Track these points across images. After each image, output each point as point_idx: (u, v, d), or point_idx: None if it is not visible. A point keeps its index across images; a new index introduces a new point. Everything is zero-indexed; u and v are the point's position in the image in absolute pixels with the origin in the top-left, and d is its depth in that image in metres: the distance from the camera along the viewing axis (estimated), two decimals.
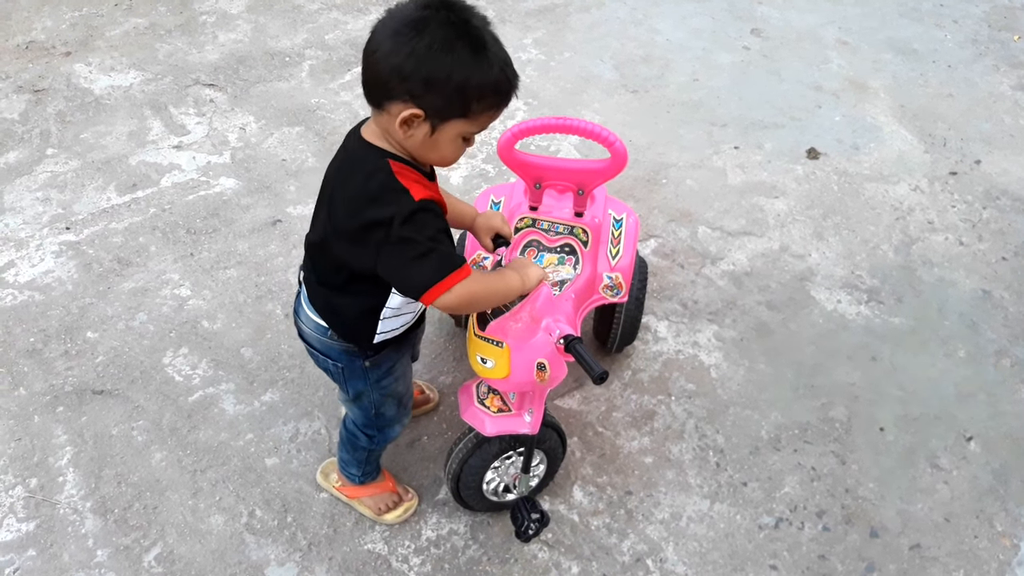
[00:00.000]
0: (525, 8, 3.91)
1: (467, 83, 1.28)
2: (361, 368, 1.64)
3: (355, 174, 1.39)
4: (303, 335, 1.66)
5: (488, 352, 1.58)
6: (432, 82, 1.27)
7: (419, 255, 1.35)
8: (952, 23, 4.05)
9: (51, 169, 2.88)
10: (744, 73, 3.61)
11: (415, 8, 1.27)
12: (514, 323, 1.57)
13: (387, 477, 2.01)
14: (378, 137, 1.38)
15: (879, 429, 2.27)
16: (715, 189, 3.00)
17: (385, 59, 1.27)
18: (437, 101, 1.30)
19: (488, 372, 1.61)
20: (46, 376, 2.25)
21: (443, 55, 1.25)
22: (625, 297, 2.04)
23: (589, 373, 1.50)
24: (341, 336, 1.59)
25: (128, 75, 3.34)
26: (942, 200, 3.03)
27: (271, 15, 3.74)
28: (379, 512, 1.98)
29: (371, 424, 1.79)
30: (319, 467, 2.07)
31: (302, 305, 1.62)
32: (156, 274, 2.54)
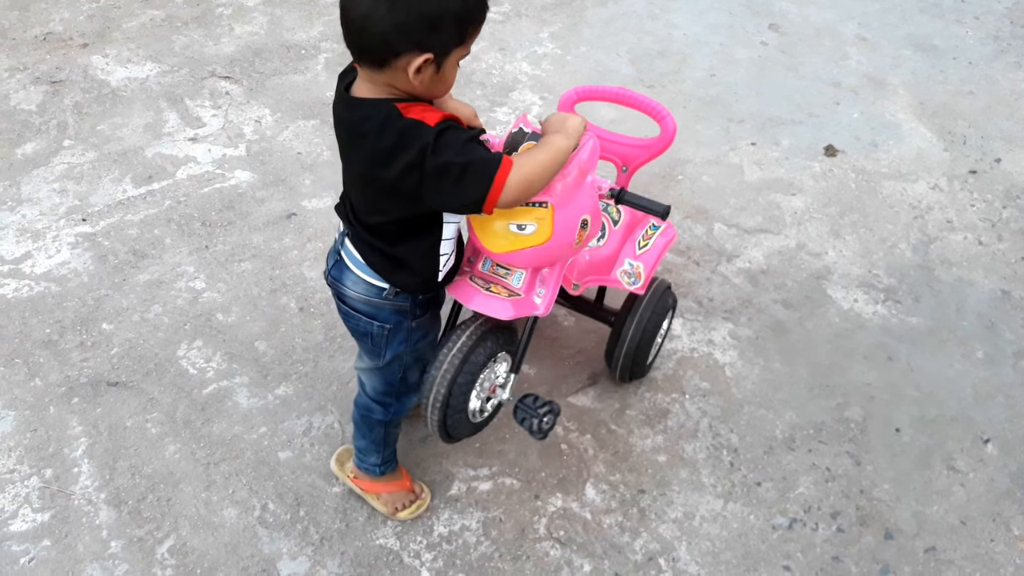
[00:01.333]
0: (542, 2, 3.89)
1: (464, 11, 1.32)
2: (407, 328, 1.65)
3: (369, 134, 1.39)
4: (347, 300, 1.64)
5: (527, 216, 1.51)
6: (436, 25, 1.29)
7: (460, 174, 1.36)
8: (973, 19, 4.00)
9: (68, 160, 2.89)
10: (762, 69, 3.59)
11: None
12: (562, 180, 1.51)
13: (404, 474, 2.01)
14: (373, 91, 1.38)
15: (895, 430, 2.26)
16: (732, 186, 2.98)
17: (383, 18, 1.26)
18: (442, 39, 1.31)
19: (523, 240, 1.53)
20: (62, 367, 2.26)
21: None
22: (643, 289, 1.99)
23: (654, 212, 1.62)
24: (406, 287, 1.58)
25: (144, 67, 3.34)
26: (961, 199, 3.00)
27: (287, 8, 3.74)
28: (393, 511, 1.98)
29: (391, 391, 1.78)
30: (333, 454, 2.06)
31: (349, 270, 1.59)
32: (171, 266, 2.55)
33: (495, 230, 1.55)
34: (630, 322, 2.07)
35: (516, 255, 1.58)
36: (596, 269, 1.98)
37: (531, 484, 2.08)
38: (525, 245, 1.55)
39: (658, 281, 2.14)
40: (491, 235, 1.57)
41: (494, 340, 1.72)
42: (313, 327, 2.40)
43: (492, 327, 1.71)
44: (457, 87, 3.25)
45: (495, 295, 1.67)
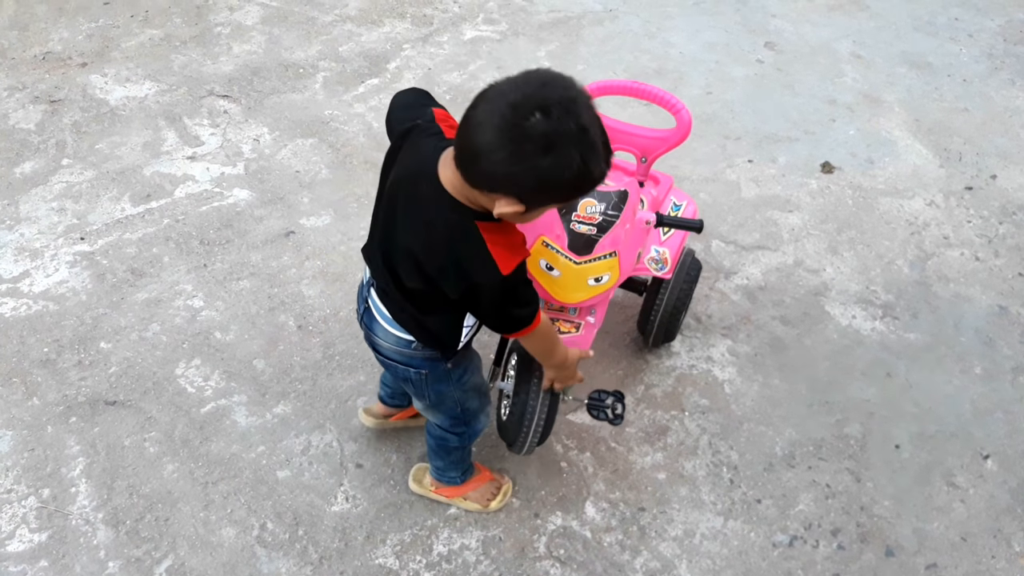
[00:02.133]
0: (539, 21, 3.92)
1: (577, 187, 1.30)
2: (444, 371, 1.68)
3: (439, 228, 1.38)
4: (380, 350, 1.68)
5: (603, 268, 1.75)
6: (545, 188, 1.28)
7: (503, 316, 1.48)
8: (967, 37, 4.03)
9: (66, 179, 2.90)
10: (758, 86, 3.61)
11: (532, 112, 1.20)
12: (623, 228, 1.76)
13: (481, 468, 2.07)
14: (458, 190, 1.35)
15: (895, 446, 2.25)
16: (729, 203, 2.99)
17: (500, 163, 1.23)
18: (544, 201, 1.32)
19: (599, 289, 1.77)
20: (59, 386, 2.26)
21: (562, 168, 1.23)
22: (670, 274, 2.09)
23: (691, 228, 1.87)
24: (430, 346, 1.62)
25: (143, 86, 3.36)
26: (958, 215, 3.01)
27: (285, 27, 3.76)
28: (486, 504, 2.03)
29: (459, 422, 1.82)
30: (410, 474, 2.08)
31: (378, 322, 1.63)
32: (169, 285, 2.54)
33: (573, 287, 1.77)
34: (663, 294, 2.19)
35: (592, 300, 1.83)
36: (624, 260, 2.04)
37: (531, 502, 2.07)
38: (600, 291, 1.80)
39: (685, 250, 2.22)
40: (568, 291, 1.79)
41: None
42: (311, 345, 2.39)
43: None
44: (455, 104, 3.26)
45: (568, 334, 1.88)
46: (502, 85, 1.25)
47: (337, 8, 3.92)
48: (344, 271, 2.61)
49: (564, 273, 1.73)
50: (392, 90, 3.39)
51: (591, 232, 1.72)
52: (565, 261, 1.72)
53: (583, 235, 1.72)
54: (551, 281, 1.76)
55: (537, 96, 1.21)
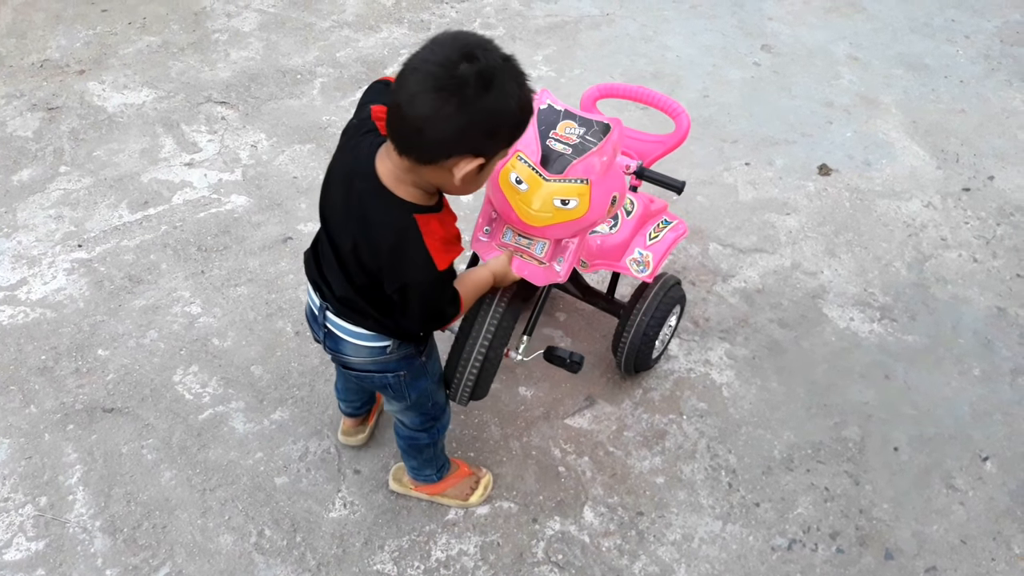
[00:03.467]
0: (535, 25, 3.92)
1: (523, 113, 1.33)
2: (420, 365, 1.69)
3: (379, 227, 1.40)
4: (354, 367, 1.68)
5: (571, 192, 1.63)
6: (495, 132, 1.31)
7: (431, 313, 1.52)
8: (964, 38, 4.04)
9: (64, 187, 2.90)
10: (755, 89, 3.61)
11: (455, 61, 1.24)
12: (599, 158, 1.65)
13: (459, 464, 2.07)
14: (400, 183, 1.37)
15: (893, 449, 2.25)
16: (726, 206, 2.99)
17: (444, 124, 1.25)
18: (498, 145, 1.34)
19: (564, 214, 1.65)
20: (57, 394, 2.26)
21: (506, 98, 1.27)
22: (651, 278, 2.07)
23: (671, 186, 1.81)
24: (404, 340, 1.62)
25: (141, 93, 3.36)
26: (955, 216, 3.01)
27: (283, 33, 3.77)
28: (465, 498, 2.04)
29: (429, 417, 1.84)
30: (390, 473, 2.08)
31: (345, 341, 1.62)
32: (167, 292, 2.54)
33: (536, 207, 1.65)
34: (636, 313, 2.13)
35: (552, 228, 1.68)
36: (606, 254, 2.05)
37: (529, 507, 2.07)
38: (565, 219, 1.66)
39: (667, 275, 2.20)
40: (533, 208, 1.65)
41: (515, 308, 1.82)
42: (309, 351, 2.39)
43: (514, 296, 1.81)
44: None
45: (529, 262, 1.78)
46: (417, 56, 1.28)
47: (334, 14, 3.92)
48: None
49: (531, 187, 1.64)
50: None
51: (566, 151, 1.66)
52: (534, 175, 1.64)
53: (557, 152, 1.66)
54: (518, 196, 1.67)
55: (455, 49, 1.25)
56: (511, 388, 2.33)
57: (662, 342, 2.31)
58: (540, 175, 1.63)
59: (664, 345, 2.36)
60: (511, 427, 2.24)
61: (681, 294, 2.27)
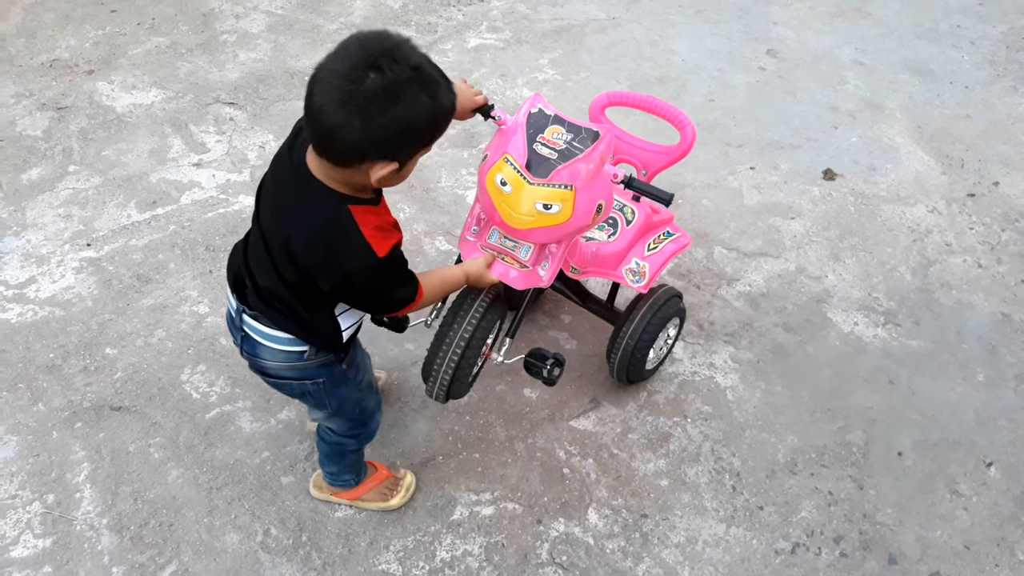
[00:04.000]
0: (542, 29, 3.93)
1: (435, 122, 1.34)
2: (341, 373, 1.68)
3: (312, 217, 1.40)
4: (271, 372, 1.65)
5: (554, 197, 1.63)
6: (407, 138, 1.32)
7: (383, 301, 1.54)
8: (969, 44, 4.04)
9: (73, 186, 2.92)
10: (760, 94, 3.62)
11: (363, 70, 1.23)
12: (586, 165, 1.65)
13: (377, 466, 2.07)
14: (328, 176, 1.38)
15: (897, 454, 2.26)
16: (731, 210, 3.00)
17: (356, 134, 1.26)
18: (412, 149, 1.35)
19: (546, 219, 1.65)
20: (65, 392, 2.27)
21: (414, 111, 1.28)
22: (646, 288, 2.07)
23: (658, 198, 1.74)
24: (319, 346, 1.60)
25: (149, 93, 3.38)
26: (960, 222, 3.01)
27: (291, 35, 3.78)
28: (386, 499, 2.03)
29: (356, 423, 1.84)
30: (310, 481, 2.08)
31: (262, 345, 1.59)
32: (175, 291, 2.56)
33: (520, 209, 1.65)
34: (631, 322, 2.12)
35: (535, 232, 1.68)
36: (601, 262, 2.05)
37: (533, 509, 2.08)
38: (547, 223, 1.66)
39: (666, 287, 2.19)
40: (516, 211, 1.66)
41: (496, 309, 1.83)
42: None
43: (495, 297, 1.82)
44: None
45: (510, 265, 1.78)
46: (326, 63, 1.28)
47: (342, 16, 3.94)
48: None
49: (515, 189, 1.65)
50: None
51: (552, 156, 1.65)
52: (518, 178, 1.64)
53: (543, 157, 1.65)
54: (502, 197, 1.67)
55: (362, 58, 1.24)
56: (516, 390, 2.34)
57: (657, 355, 2.29)
58: (524, 178, 1.64)
59: (660, 359, 2.34)
60: (516, 429, 2.25)
61: (680, 307, 2.25)
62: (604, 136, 1.69)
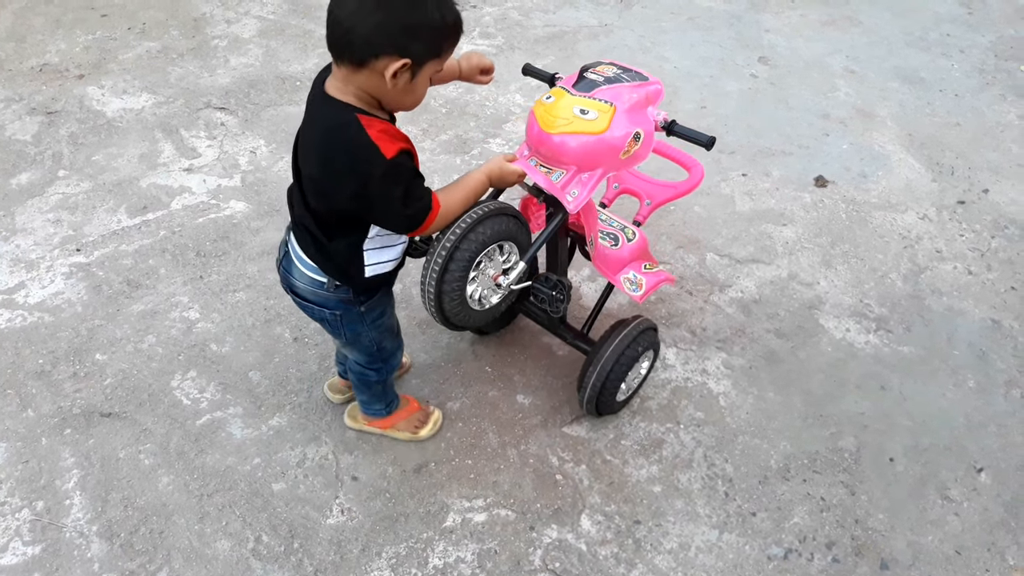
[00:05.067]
0: (535, 35, 3.94)
1: (444, 23, 1.43)
2: (358, 314, 1.77)
3: (328, 131, 1.49)
4: (296, 290, 1.76)
5: (593, 106, 1.70)
6: (415, 32, 1.41)
7: (397, 207, 1.52)
8: (959, 52, 4.07)
9: (63, 191, 2.90)
10: (752, 101, 3.63)
11: None
12: (630, 93, 1.74)
13: (409, 400, 2.20)
14: (343, 92, 1.48)
15: (889, 459, 2.26)
16: (723, 216, 3.01)
17: (366, 20, 1.38)
18: (420, 48, 1.43)
19: (581, 124, 1.68)
20: (54, 398, 2.25)
21: (419, 6, 1.39)
22: (642, 299, 2.13)
23: (699, 141, 1.79)
24: (336, 278, 1.69)
25: (140, 98, 3.36)
26: (950, 229, 3.03)
27: (282, 40, 3.78)
28: (414, 431, 2.17)
29: (375, 359, 1.93)
30: (346, 411, 2.21)
31: (296, 264, 1.71)
32: (165, 296, 2.55)
33: (558, 113, 1.70)
34: (604, 351, 2.08)
35: (569, 138, 1.70)
36: (608, 264, 2.13)
37: (526, 515, 2.07)
38: (580, 130, 1.69)
39: (642, 318, 2.17)
40: (552, 117, 1.71)
41: (497, 224, 1.71)
42: (307, 357, 2.40)
43: (497, 211, 1.71)
44: (451, 117, 3.29)
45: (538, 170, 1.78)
46: None
47: None
48: None
49: (556, 99, 1.73)
50: None
51: (599, 79, 1.76)
52: (562, 91, 1.74)
53: (590, 80, 1.75)
54: (543, 108, 1.74)
55: None
56: (509, 396, 2.34)
57: (628, 387, 2.25)
58: (567, 91, 1.72)
59: (631, 391, 2.29)
60: (509, 435, 2.24)
61: (655, 341, 2.23)
62: (653, 81, 1.78)
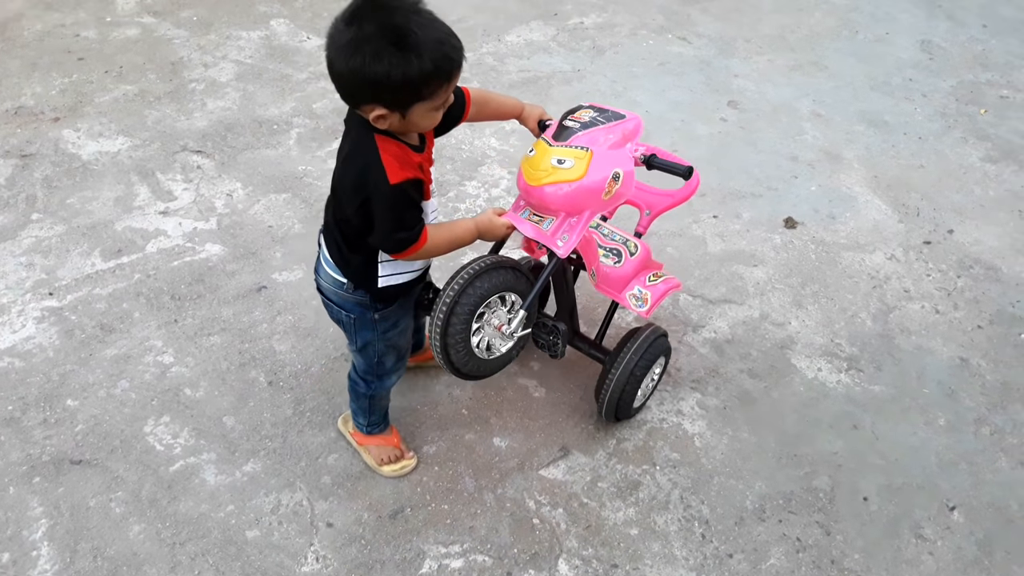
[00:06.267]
0: (509, 80, 4.00)
1: (406, 78, 1.47)
2: (371, 320, 1.88)
3: (352, 145, 1.63)
4: (321, 289, 1.90)
5: (569, 155, 1.78)
6: (379, 87, 1.48)
7: (387, 228, 1.64)
8: (921, 96, 4.19)
9: (36, 234, 2.88)
10: (722, 144, 3.71)
11: (344, 23, 1.46)
12: (606, 135, 1.81)
13: (394, 433, 2.24)
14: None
15: (863, 499, 2.28)
16: (695, 257, 3.05)
17: (340, 76, 1.50)
18: (392, 98, 1.51)
19: (560, 174, 1.76)
20: (23, 445, 2.22)
21: (377, 64, 1.44)
22: (648, 313, 2.19)
23: (676, 172, 1.91)
24: (353, 282, 1.81)
25: (116, 141, 3.37)
26: (917, 269, 3.09)
27: (260, 83, 3.81)
28: (380, 463, 2.20)
29: (371, 371, 2.03)
30: (341, 415, 2.30)
31: (322, 263, 1.85)
32: (139, 340, 2.53)
33: (538, 166, 1.80)
34: (624, 354, 2.18)
35: (550, 188, 1.78)
36: (611, 283, 2.21)
37: (503, 560, 2.06)
38: (560, 179, 1.77)
39: (653, 326, 2.27)
40: (534, 171, 1.80)
41: (496, 277, 1.82)
42: (282, 401, 2.38)
43: (497, 264, 1.83)
44: None
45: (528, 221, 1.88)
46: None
47: (311, 66, 3.97)
48: (315, 326, 2.61)
49: (538, 153, 1.82)
50: None
51: (575, 126, 1.83)
52: (543, 144, 1.83)
53: (567, 128, 1.83)
54: (527, 162, 1.84)
55: (346, 12, 1.46)
56: (486, 439, 2.33)
57: (644, 392, 2.34)
58: (547, 142, 1.82)
59: (646, 397, 2.40)
60: (485, 479, 2.24)
61: (667, 346, 2.33)
62: (630, 118, 1.87)
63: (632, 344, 2.20)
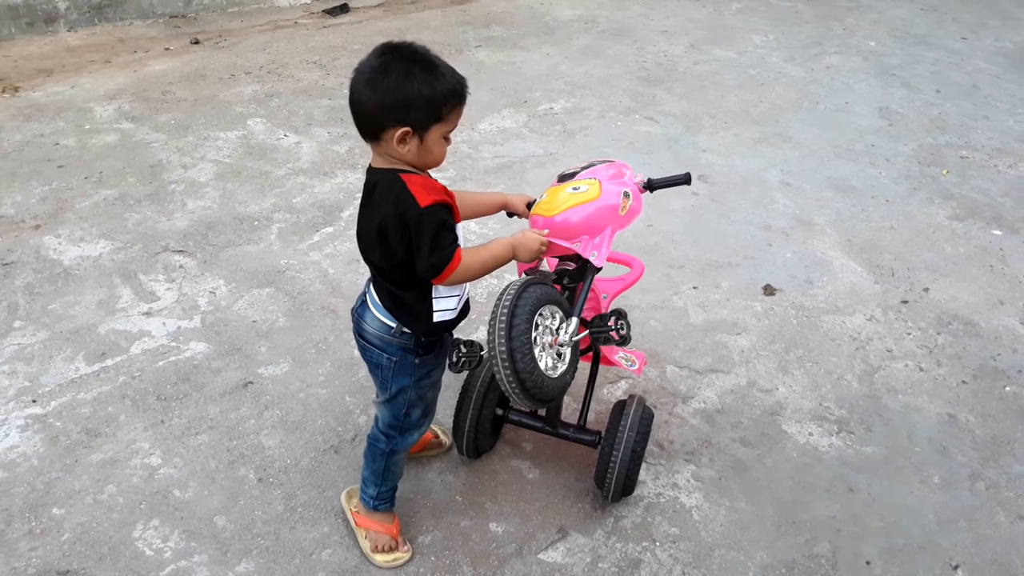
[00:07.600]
0: (484, 167, 4.10)
1: (433, 94, 1.67)
2: (411, 364, 1.94)
3: (382, 192, 1.76)
4: (364, 335, 1.95)
5: (581, 183, 2.03)
6: (409, 103, 1.66)
7: (424, 251, 1.73)
8: (885, 161, 4.33)
9: (18, 342, 2.87)
10: (695, 217, 3.79)
11: (374, 59, 1.68)
12: (606, 171, 2.09)
13: (395, 522, 2.20)
14: (384, 162, 1.77)
15: (865, 563, 2.26)
16: (679, 328, 3.08)
17: (369, 100, 1.67)
18: (417, 116, 1.68)
19: (577, 197, 1.97)
20: (7, 559, 2.16)
21: (408, 82, 1.65)
22: (639, 372, 2.35)
23: (677, 182, 2.15)
24: (407, 324, 1.88)
25: (97, 245, 3.39)
26: (897, 328, 3.14)
27: (239, 182, 3.87)
28: (374, 550, 2.16)
29: (396, 424, 2.04)
30: (346, 489, 2.30)
31: (368, 308, 1.93)
32: (125, 444, 2.49)
33: (555, 198, 2.00)
34: (620, 441, 2.19)
35: (571, 212, 1.95)
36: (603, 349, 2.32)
37: None
38: (579, 201, 1.96)
39: (636, 397, 2.31)
40: (551, 204, 1.99)
41: (542, 289, 1.85)
42: (273, 498, 2.34)
43: (538, 280, 1.88)
44: None
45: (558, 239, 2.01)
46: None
47: (290, 162, 4.05)
48: (304, 418, 2.59)
49: (550, 193, 2.03)
50: (347, 237, 3.48)
51: (576, 170, 2.10)
52: (552, 187, 2.06)
53: (570, 173, 2.08)
54: (541, 204, 2.02)
55: (374, 52, 1.70)
56: (482, 525, 2.30)
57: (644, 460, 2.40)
58: (555, 185, 2.06)
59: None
60: (483, 566, 2.20)
61: (651, 414, 2.33)
62: (620, 163, 2.16)
63: (626, 420, 2.20)
